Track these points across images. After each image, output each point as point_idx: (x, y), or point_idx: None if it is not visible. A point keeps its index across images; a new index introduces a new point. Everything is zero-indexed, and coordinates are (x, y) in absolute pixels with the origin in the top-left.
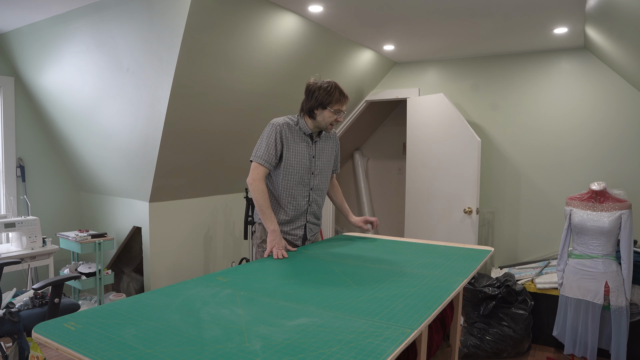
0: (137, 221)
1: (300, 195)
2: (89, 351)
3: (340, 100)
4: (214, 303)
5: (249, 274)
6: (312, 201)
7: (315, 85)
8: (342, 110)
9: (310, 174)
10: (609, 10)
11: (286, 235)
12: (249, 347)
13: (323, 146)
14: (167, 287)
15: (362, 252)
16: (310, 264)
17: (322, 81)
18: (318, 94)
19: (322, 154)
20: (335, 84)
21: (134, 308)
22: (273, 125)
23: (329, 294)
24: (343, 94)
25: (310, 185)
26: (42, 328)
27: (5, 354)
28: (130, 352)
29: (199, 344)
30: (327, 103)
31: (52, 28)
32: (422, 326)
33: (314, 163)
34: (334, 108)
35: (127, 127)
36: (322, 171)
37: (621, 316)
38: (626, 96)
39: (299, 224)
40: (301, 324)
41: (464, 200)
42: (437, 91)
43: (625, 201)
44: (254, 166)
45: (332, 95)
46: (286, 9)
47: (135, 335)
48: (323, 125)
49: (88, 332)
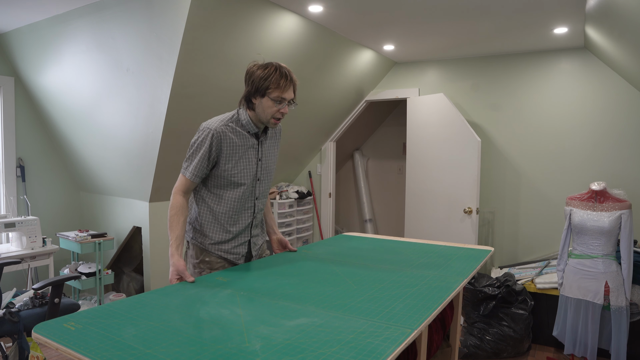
0: (137, 221)
1: (245, 209)
2: (89, 351)
3: (281, 86)
4: (214, 303)
5: (249, 274)
6: (257, 212)
7: (253, 68)
8: (286, 98)
9: (256, 181)
10: (609, 10)
11: (226, 254)
12: (249, 347)
13: (269, 144)
14: (167, 287)
15: (362, 252)
16: (310, 264)
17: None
18: (254, 78)
19: (268, 154)
20: (276, 65)
21: (134, 308)
22: (208, 132)
23: (328, 294)
24: (286, 77)
25: (255, 194)
26: (42, 328)
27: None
28: (130, 352)
29: (199, 344)
30: (264, 89)
31: (52, 28)
32: (422, 326)
33: (260, 167)
34: (273, 95)
35: (127, 127)
36: (268, 174)
37: (621, 316)
38: (626, 96)
39: (242, 240)
40: (301, 324)
41: (464, 200)
42: (437, 91)
43: (625, 201)
44: (181, 180)
45: (269, 79)
46: (286, 9)
47: (135, 336)
48: (264, 118)
49: (88, 332)
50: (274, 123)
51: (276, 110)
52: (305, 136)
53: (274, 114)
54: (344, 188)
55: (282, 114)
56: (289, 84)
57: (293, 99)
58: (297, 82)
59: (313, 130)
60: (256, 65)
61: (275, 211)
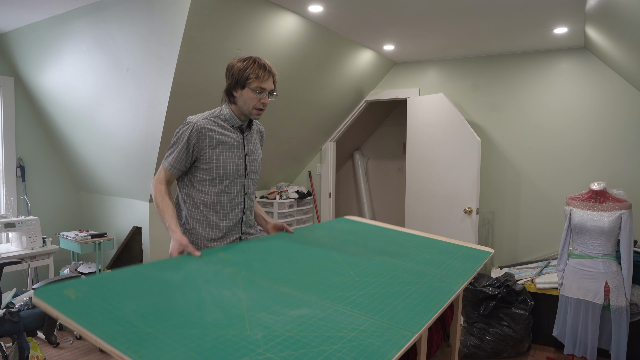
0: (137, 221)
1: (235, 205)
2: (89, 325)
3: (260, 76)
4: (215, 282)
5: (250, 252)
6: (247, 208)
7: (233, 62)
8: (265, 89)
9: (244, 176)
10: (609, 10)
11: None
12: (250, 335)
13: (253, 139)
14: (168, 259)
15: (364, 239)
16: (312, 250)
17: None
18: (234, 71)
19: (253, 149)
20: (254, 58)
21: (135, 279)
22: (190, 126)
23: (330, 284)
24: (264, 68)
25: (245, 189)
26: (42, 293)
27: (5, 354)
28: (131, 330)
29: (201, 328)
30: (244, 80)
31: (52, 28)
32: (423, 330)
33: (247, 162)
34: (253, 86)
35: (127, 127)
36: (255, 170)
37: (621, 316)
38: (626, 96)
39: (233, 237)
40: (303, 314)
41: (464, 200)
42: (437, 91)
43: (625, 201)
44: (161, 171)
45: (248, 70)
46: (286, 9)
47: (135, 311)
48: (246, 110)
49: (88, 302)
50: (257, 114)
51: (257, 101)
52: (305, 136)
53: (256, 105)
54: (344, 188)
55: (264, 104)
56: (268, 74)
57: (273, 90)
58: (276, 74)
59: (313, 130)
60: (236, 59)
61: (275, 211)
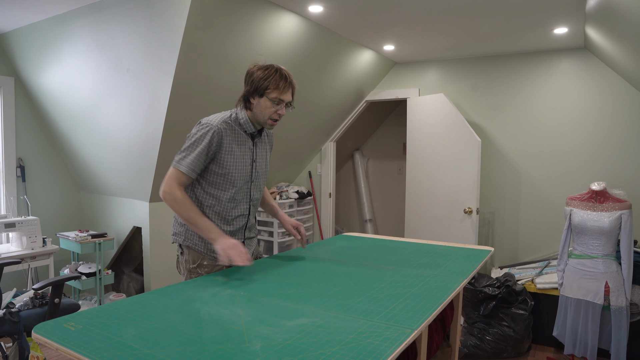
0: (137, 221)
1: (239, 211)
2: (89, 352)
3: (280, 87)
4: (213, 303)
5: (249, 274)
6: (251, 215)
7: (253, 69)
8: (284, 100)
9: (250, 183)
10: (609, 10)
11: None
12: (249, 347)
13: (262, 148)
14: (167, 287)
15: (362, 252)
16: (310, 264)
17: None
18: (254, 78)
19: (261, 156)
20: (276, 67)
21: (134, 308)
22: (209, 128)
23: (329, 294)
24: (285, 79)
25: (250, 196)
26: (42, 328)
27: (5, 354)
28: (130, 353)
29: (199, 344)
30: (263, 89)
31: (52, 28)
32: (422, 326)
33: (255, 169)
34: (272, 96)
35: (127, 127)
36: (261, 177)
37: (621, 316)
38: (626, 96)
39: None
40: (301, 324)
41: (464, 200)
42: (437, 91)
43: (625, 201)
44: (174, 174)
45: (269, 79)
46: (286, 9)
47: (135, 336)
48: (261, 119)
49: (88, 332)
50: (271, 124)
51: (274, 112)
52: (305, 136)
53: (271, 115)
54: (344, 188)
55: (280, 115)
56: (288, 86)
57: (291, 102)
58: (296, 86)
59: (313, 130)
60: (257, 66)
61: None
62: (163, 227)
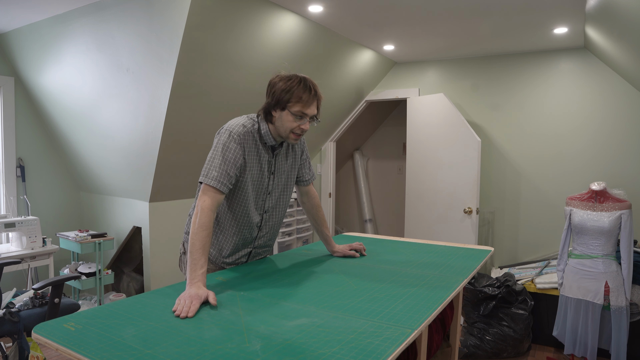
0: (137, 221)
1: (251, 222)
2: (88, 352)
3: (303, 99)
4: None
5: (249, 274)
6: (264, 225)
7: (275, 79)
8: (307, 114)
9: (266, 195)
10: (609, 10)
11: (226, 266)
12: (249, 347)
13: (283, 159)
14: (167, 287)
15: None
16: (310, 264)
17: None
18: (275, 90)
19: (282, 168)
20: (300, 77)
21: (134, 308)
22: (232, 135)
23: (329, 294)
24: (309, 91)
25: (264, 207)
26: (42, 328)
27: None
28: (130, 353)
29: (199, 344)
30: (285, 102)
31: (52, 28)
32: (422, 326)
33: (273, 181)
34: (294, 110)
35: (127, 127)
36: (279, 188)
37: (621, 316)
38: (626, 96)
39: (244, 252)
40: (301, 324)
41: (464, 200)
42: (437, 91)
43: (625, 201)
44: (206, 190)
45: (291, 92)
46: (286, 9)
47: (135, 336)
48: (283, 133)
49: (88, 332)
50: (294, 138)
51: (296, 126)
52: (306, 136)
53: (294, 129)
54: (344, 188)
55: (302, 130)
56: (313, 98)
57: (316, 115)
58: (322, 97)
59: (313, 130)
60: (279, 76)
61: None
62: (163, 227)
